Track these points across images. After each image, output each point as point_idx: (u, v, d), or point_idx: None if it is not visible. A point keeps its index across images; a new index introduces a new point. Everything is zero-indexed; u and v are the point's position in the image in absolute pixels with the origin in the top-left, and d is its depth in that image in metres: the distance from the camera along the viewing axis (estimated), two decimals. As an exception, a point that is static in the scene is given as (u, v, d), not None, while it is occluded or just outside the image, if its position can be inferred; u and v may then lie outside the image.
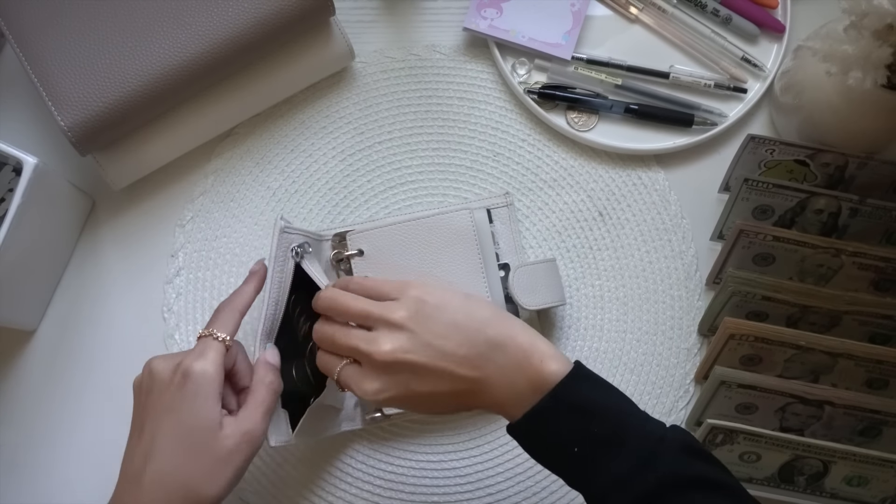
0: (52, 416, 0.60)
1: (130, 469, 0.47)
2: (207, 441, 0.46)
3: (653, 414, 0.60)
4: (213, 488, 0.46)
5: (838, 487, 0.55)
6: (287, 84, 0.63)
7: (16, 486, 0.59)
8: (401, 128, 0.65)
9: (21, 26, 0.57)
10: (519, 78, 0.65)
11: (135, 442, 0.47)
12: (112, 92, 0.56)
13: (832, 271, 0.58)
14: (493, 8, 0.64)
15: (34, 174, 0.54)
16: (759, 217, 0.60)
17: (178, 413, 0.46)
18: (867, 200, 0.58)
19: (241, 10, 0.57)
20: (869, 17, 0.50)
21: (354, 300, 0.51)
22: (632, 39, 0.66)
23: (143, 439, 0.47)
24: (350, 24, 0.64)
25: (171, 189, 0.64)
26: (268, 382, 0.50)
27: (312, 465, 0.59)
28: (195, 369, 0.47)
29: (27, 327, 0.61)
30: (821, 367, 0.57)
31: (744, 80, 0.65)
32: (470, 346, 0.47)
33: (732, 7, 0.65)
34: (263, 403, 0.49)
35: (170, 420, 0.46)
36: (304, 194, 0.64)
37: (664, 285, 0.62)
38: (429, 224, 0.60)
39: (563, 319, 0.62)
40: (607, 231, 0.63)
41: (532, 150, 0.65)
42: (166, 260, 0.63)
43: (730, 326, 0.56)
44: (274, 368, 0.51)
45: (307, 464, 0.59)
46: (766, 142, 0.59)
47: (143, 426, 0.47)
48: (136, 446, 0.47)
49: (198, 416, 0.46)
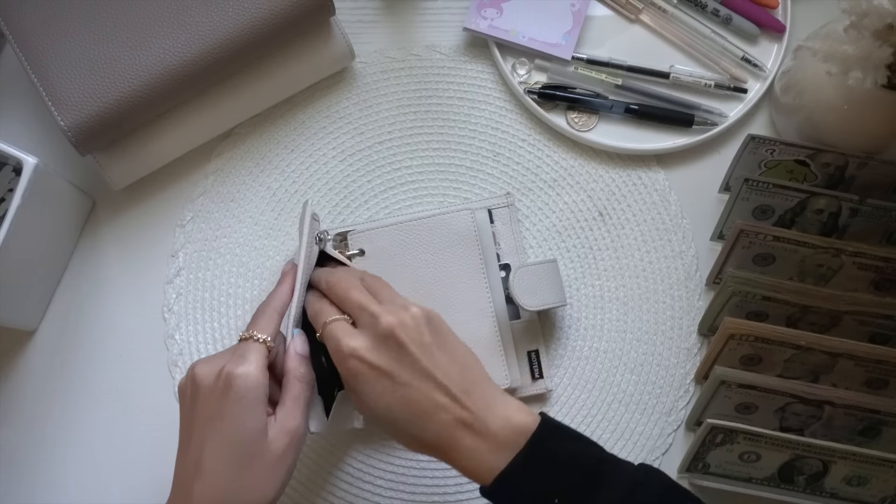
0: (52, 416, 0.60)
1: (181, 480, 0.46)
2: (256, 449, 0.45)
3: (653, 414, 0.60)
4: (266, 494, 0.45)
5: (838, 487, 0.55)
6: (287, 84, 0.63)
7: (16, 486, 0.59)
8: (401, 128, 0.65)
9: (21, 26, 0.57)
10: (519, 78, 0.65)
11: (183, 451, 0.47)
12: (112, 92, 0.56)
13: (832, 271, 0.58)
14: (493, 8, 0.64)
15: (34, 174, 0.54)
16: (759, 217, 0.60)
17: (223, 422, 0.45)
18: (867, 200, 0.58)
19: (241, 11, 0.57)
20: (869, 17, 0.50)
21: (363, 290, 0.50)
22: (632, 39, 0.66)
23: (190, 448, 0.46)
24: (350, 24, 0.64)
25: (171, 189, 0.64)
26: (300, 375, 0.48)
27: (312, 465, 0.59)
28: (238, 374, 0.45)
29: (27, 327, 0.61)
30: (821, 367, 0.57)
31: (744, 80, 0.65)
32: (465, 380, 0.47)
33: (732, 7, 0.65)
34: (299, 398, 0.47)
35: (216, 431, 0.45)
36: (304, 194, 0.64)
37: (664, 285, 0.63)
38: (430, 224, 0.60)
39: (563, 319, 0.62)
40: (607, 231, 0.63)
41: (532, 150, 0.65)
42: (166, 260, 0.63)
43: (730, 326, 0.56)
44: (304, 360, 0.49)
45: (307, 464, 0.59)
46: (766, 142, 0.59)
47: (190, 435, 0.46)
48: (185, 455, 0.46)
49: (244, 425, 0.45)
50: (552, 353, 0.61)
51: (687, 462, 0.56)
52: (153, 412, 0.60)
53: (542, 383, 0.60)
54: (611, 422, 0.60)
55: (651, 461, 0.59)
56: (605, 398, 0.61)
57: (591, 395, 0.61)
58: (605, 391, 0.61)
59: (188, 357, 0.61)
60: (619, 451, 0.60)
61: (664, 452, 0.60)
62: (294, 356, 0.49)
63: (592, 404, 0.61)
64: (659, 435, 0.60)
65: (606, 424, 0.60)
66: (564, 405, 0.60)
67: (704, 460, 0.56)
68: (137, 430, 0.60)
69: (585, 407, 0.60)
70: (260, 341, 0.48)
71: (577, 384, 0.61)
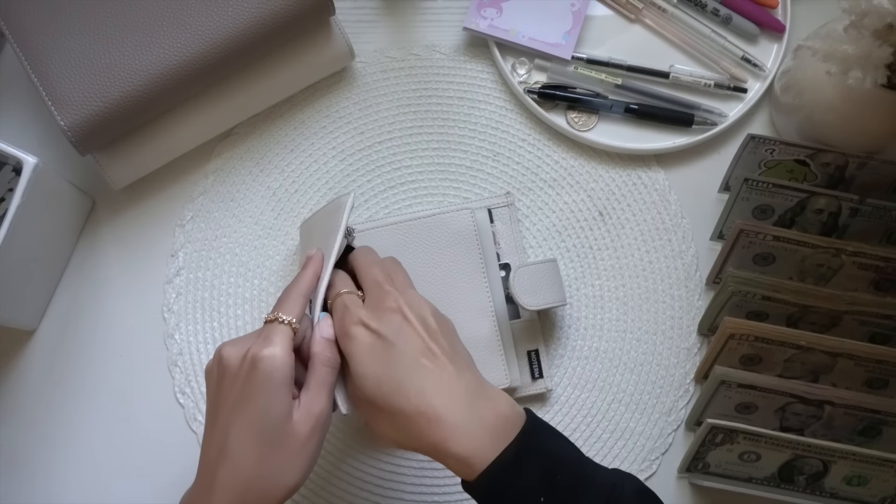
0: (52, 416, 0.60)
1: (206, 464, 0.46)
2: (280, 434, 0.45)
3: (653, 414, 0.60)
4: (291, 478, 0.45)
5: (838, 487, 0.55)
6: (287, 84, 0.63)
7: (16, 486, 0.59)
8: (401, 128, 0.65)
9: (21, 26, 0.57)
10: (519, 78, 0.65)
11: (209, 435, 0.46)
12: (112, 92, 0.56)
13: (832, 271, 0.58)
14: (493, 8, 0.64)
15: (34, 174, 0.54)
16: (759, 217, 0.60)
17: (248, 404, 0.44)
18: (867, 200, 0.58)
19: (241, 11, 0.57)
20: (869, 17, 0.50)
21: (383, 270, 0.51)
22: (632, 39, 0.66)
23: (216, 432, 0.45)
24: (350, 24, 0.64)
25: (171, 189, 0.64)
26: (325, 360, 0.48)
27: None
28: (263, 356, 0.45)
29: (27, 327, 0.61)
30: (821, 367, 0.57)
31: (744, 80, 0.65)
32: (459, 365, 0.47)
33: (732, 7, 0.65)
34: (325, 382, 0.47)
35: (241, 414, 0.45)
36: (304, 194, 0.64)
37: (664, 285, 0.63)
38: (430, 224, 0.60)
39: (563, 319, 0.62)
40: (607, 231, 0.63)
41: (532, 150, 0.65)
42: (166, 260, 0.63)
43: (730, 326, 0.56)
44: (330, 344, 0.49)
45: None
46: (766, 141, 0.59)
47: (216, 417, 0.46)
48: (210, 439, 0.46)
49: (268, 409, 0.44)
50: (552, 352, 0.61)
51: (687, 462, 0.56)
52: (153, 412, 0.60)
53: (542, 383, 0.60)
54: (611, 422, 0.60)
55: (651, 461, 0.59)
56: (605, 398, 0.61)
57: (591, 395, 0.61)
58: (605, 391, 0.61)
59: (188, 357, 0.61)
60: (619, 450, 0.60)
61: (664, 452, 0.60)
62: (320, 340, 0.48)
63: (592, 404, 0.61)
64: (659, 435, 0.60)
65: (606, 424, 0.60)
66: (564, 405, 0.60)
67: (704, 460, 0.56)
68: (137, 430, 0.60)
69: (585, 407, 0.60)
70: (285, 323, 0.47)
71: (577, 384, 0.61)
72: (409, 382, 0.46)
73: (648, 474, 0.59)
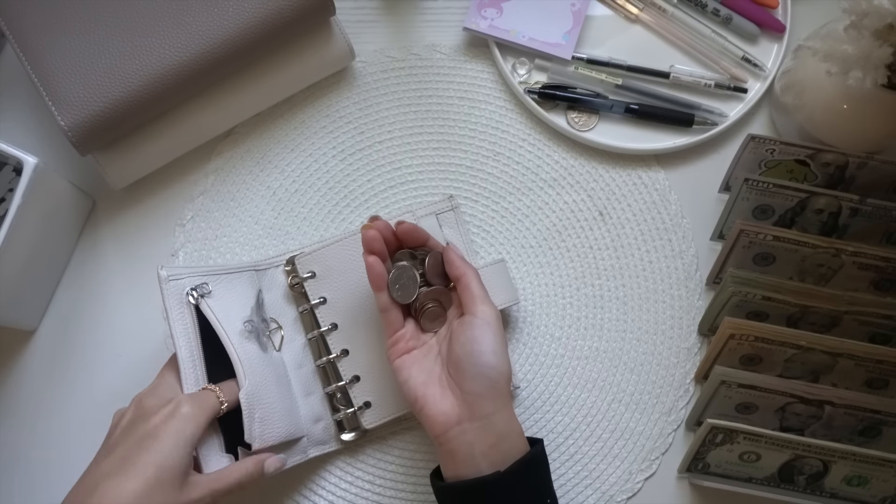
0: (52, 416, 0.60)
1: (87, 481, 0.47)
2: (174, 481, 0.46)
3: (653, 414, 0.60)
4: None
5: (838, 487, 0.55)
6: (287, 84, 0.63)
7: (16, 486, 0.59)
8: (401, 128, 0.65)
9: (21, 26, 0.57)
10: (519, 78, 0.65)
11: (101, 457, 0.48)
12: (112, 92, 0.56)
13: (832, 271, 0.58)
14: (493, 8, 0.64)
15: (34, 174, 0.54)
16: (759, 217, 0.60)
17: (156, 441, 0.46)
18: (867, 200, 0.58)
19: (241, 10, 0.57)
20: (869, 17, 0.50)
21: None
22: (632, 39, 0.66)
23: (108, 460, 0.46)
24: (350, 24, 0.64)
25: (171, 189, 0.64)
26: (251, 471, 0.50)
27: (313, 465, 0.59)
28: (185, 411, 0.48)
29: (27, 327, 0.61)
30: (821, 367, 0.57)
31: (744, 80, 0.65)
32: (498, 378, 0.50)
33: (733, 7, 0.65)
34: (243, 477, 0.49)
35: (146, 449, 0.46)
36: (304, 194, 0.64)
37: (664, 285, 0.63)
38: None
39: (563, 319, 0.62)
40: (607, 231, 0.63)
41: (532, 149, 0.65)
42: (166, 260, 0.63)
43: (730, 326, 0.56)
44: (262, 467, 0.51)
45: (308, 464, 0.59)
46: (766, 142, 0.59)
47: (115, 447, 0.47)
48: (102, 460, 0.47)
49: (172, 454, 0.46)
50: (552, 352, 0.61)
51: (687, 462, 0.56)
52: (153, 412, 0.60)
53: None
54: (611, 422, 0.60)
55: (651, 461, 0.59)
56: (605, 398, 0.61)
57: (591, 395, 0.61)
58: (605, 391, 0.61)
59: (188, 357, 0.61)
60: (619, 450, 0.60)
61: (664, 452, 0.60)
62: (256, 459, 0.51)
63: (592, 404, 0.61)
64: (659, 435, 0.60)
65: (606, 424, 0.60)
66: (564, 405, 0.60)
67: (704, 460, 0.56)
68: (137, 430, 0.60)
69: (585, 407, 0.60)
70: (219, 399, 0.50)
71: (577, 384, 0.61)
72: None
73: (648, 474, 0.59)
